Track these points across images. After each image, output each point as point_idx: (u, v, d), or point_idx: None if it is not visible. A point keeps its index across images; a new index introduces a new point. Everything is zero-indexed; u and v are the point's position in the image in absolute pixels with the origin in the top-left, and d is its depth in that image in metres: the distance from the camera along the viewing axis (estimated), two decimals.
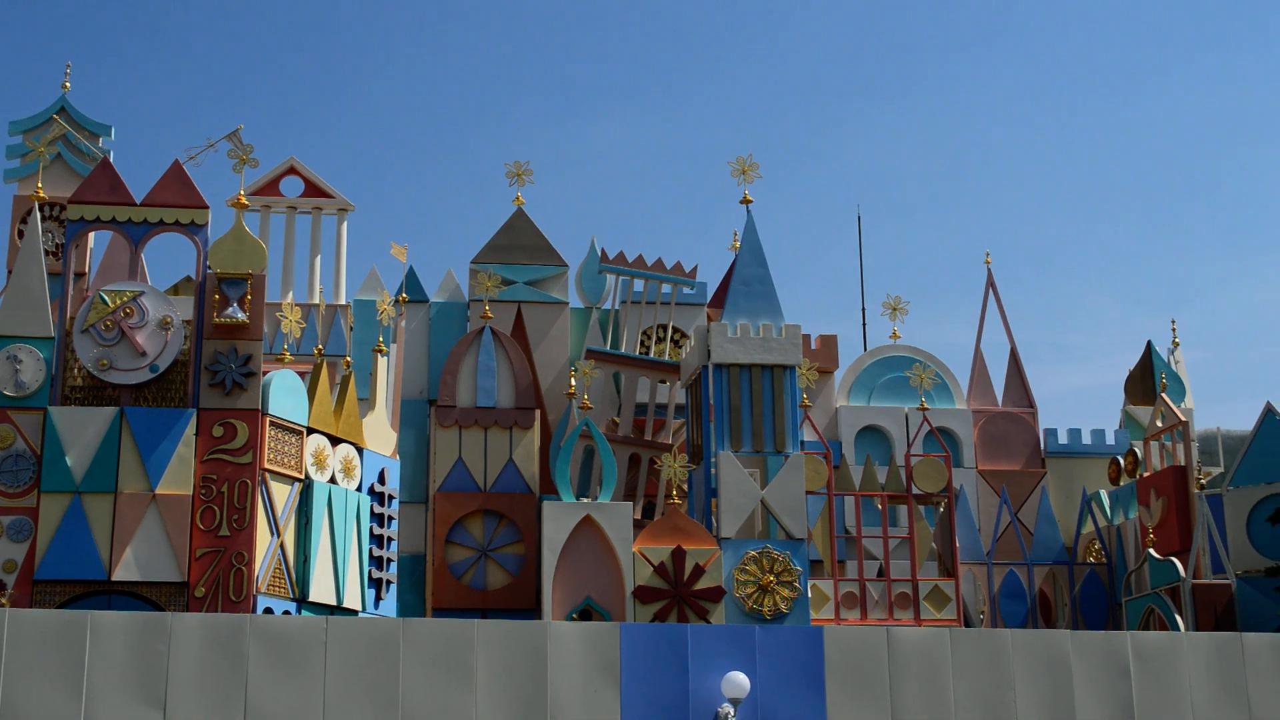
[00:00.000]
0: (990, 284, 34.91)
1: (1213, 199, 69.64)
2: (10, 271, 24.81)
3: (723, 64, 71.22)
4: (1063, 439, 33.34)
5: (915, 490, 28.03)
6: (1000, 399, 33.76)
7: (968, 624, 28.62)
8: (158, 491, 21.38)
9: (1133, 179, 69.60)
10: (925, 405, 29.93)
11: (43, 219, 26.60)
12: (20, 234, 28.13)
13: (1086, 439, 33.43)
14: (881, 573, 27.97)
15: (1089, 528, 31.19)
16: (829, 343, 33.21)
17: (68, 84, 30.26)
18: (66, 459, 21.32)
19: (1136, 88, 70.68)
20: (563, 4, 70.18)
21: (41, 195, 24.39)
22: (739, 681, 19.48)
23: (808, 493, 26.61)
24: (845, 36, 71.49)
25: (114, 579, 20.99)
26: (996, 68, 71.04)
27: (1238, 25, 71.20)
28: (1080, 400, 65.64)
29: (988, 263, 35.19)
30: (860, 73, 71.63)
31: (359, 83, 69.60)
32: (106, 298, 22.18)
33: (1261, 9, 70.09)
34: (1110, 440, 33.40)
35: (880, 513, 28.57)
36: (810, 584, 26.13)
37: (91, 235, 26.00)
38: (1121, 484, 31.27)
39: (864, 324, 37.51)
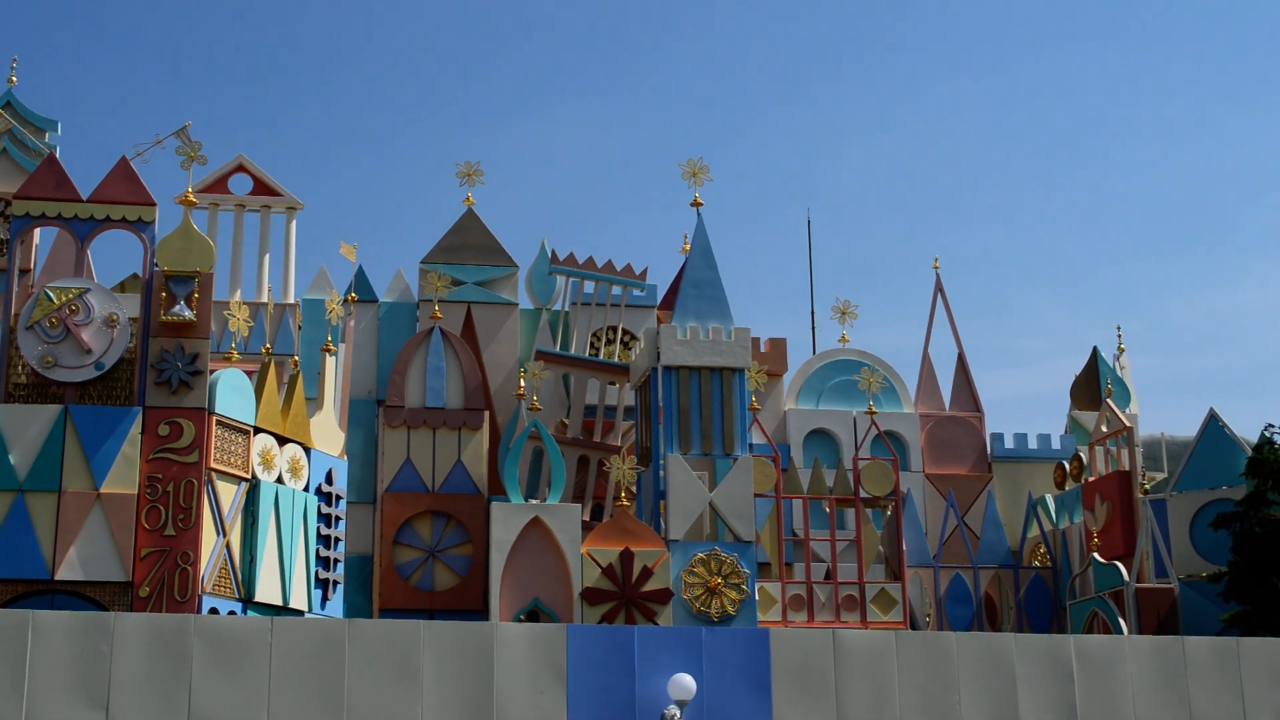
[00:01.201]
0: (939, 289, 35.11)
1: (1157, 204, 70.35)
2: None
3: (674, 64, 71.35)
4: (1009, 443, 33.55)
5: (863, 493, 28.16)
6: (948, 403, 33.95)
7: (914, 627, 28.77)
8: (102, 490, 21.21)
9: (1078, 184, 70.20)
10: (873, 409, 30.07)
11: None
12: None
13: (1033, 444, 33.65)
14: (829, 575, 28.08)
15: (1034, 532, 31.41)
16: (778, 346, 33.29)
17: (14, 78, 29.96)
18: (10, 457, 21.12)
19: (1082, 92, 71.34)
20: (518, 3, 70.14)
21: None
22: (685, 683, 19.49)
23: (756, 495, 26.69)
24: (796, 38, 71.74)
25: (57, 578, 20.82)
26: (945, 70, 71.51)
27: (1163, 29, 71.98)
28: (1027, 405, 66.12)
29: (936, 267, 35.40)
30: (810, 75, 71.92)
31: (308, 80, 69.33)
32: (52, 294, 22.00)
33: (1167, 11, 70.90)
34: (1056, 445, 33.65)
35: (828, 516, 28.69)
36: (758, 586, 26.21)
37: (37, 231, 25.75)
38: (1067, 488, 31.50)
39: (813, 328, 37.65)
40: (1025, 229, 70.13)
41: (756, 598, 25.86)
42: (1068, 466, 31.76)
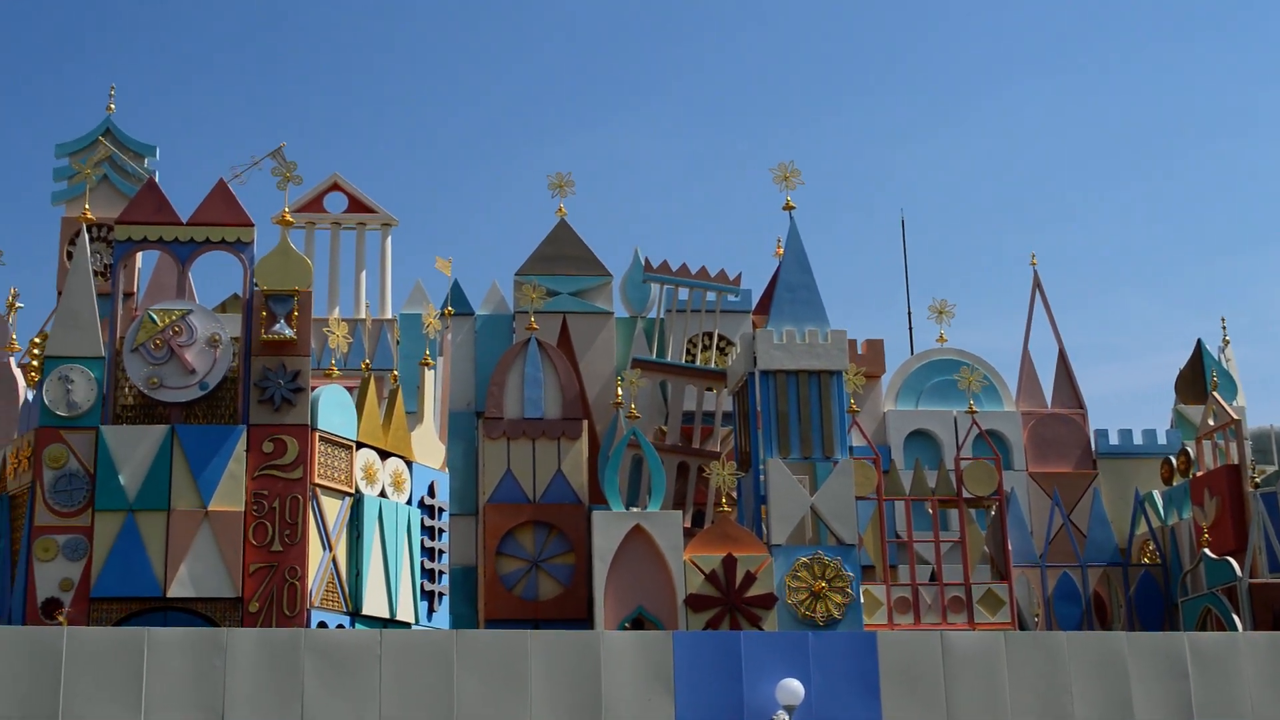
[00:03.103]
0: (1036, 285, 34.71)
1: (1254, 196, 69.09)
2: (60, 293, 25.01)
3: (764, 68, 71.17)
4: (1114, 440, 33.06)
5: (966, 494, 27.88)
6: (1049, 400, 33.55)
7: (1022, 627, 28.42)
8: (210, 508, 21.47)
9: (1175, 177, 69.14)
10: (974, 408, 29.76)
11: (91, 240, 26.78)
12: (69, 255, 28.38)
13: (1138, 439, 33.14)
14: (934, 577, 27.81)
15: (1143, 528, 30.92)
16: (875, 347, 33.08)
17: (112, 106, 30.52)
18: (119, 477, 21.44)
19: (1179, 84, 70.27)
20: (601, 11, 70.35)
21: (89, 217, 24.59)
22: (793, 688, 19.43)
23: (857, 498, 26.52)
24: (887, 38, 71.36)
25: (169, 595, 21.08)
26: (1041, 69, 70.75)
27: (1253, 18, 70.67)
28: (1130, 401, 65.10)
29: (1033, 264, 35.01)
30: (903, 75, 71.48)
31: (400, 98, 69.91)
32: (155, 317, 22.32)
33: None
34: (1162, 440, 33.11)
35: (931, 517, 28.43)
36: (862, 589, 26.03)
37: (139, 255, 26.19)
38: (1175, 484, 30.99)
39: (910, 328, 37.31)
40: (1122, 223, 69.20)
41: (861, 601, 25.69)
42: (1174, 462, 31.25)
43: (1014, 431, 32.61)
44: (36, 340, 25.48)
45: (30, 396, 23.48)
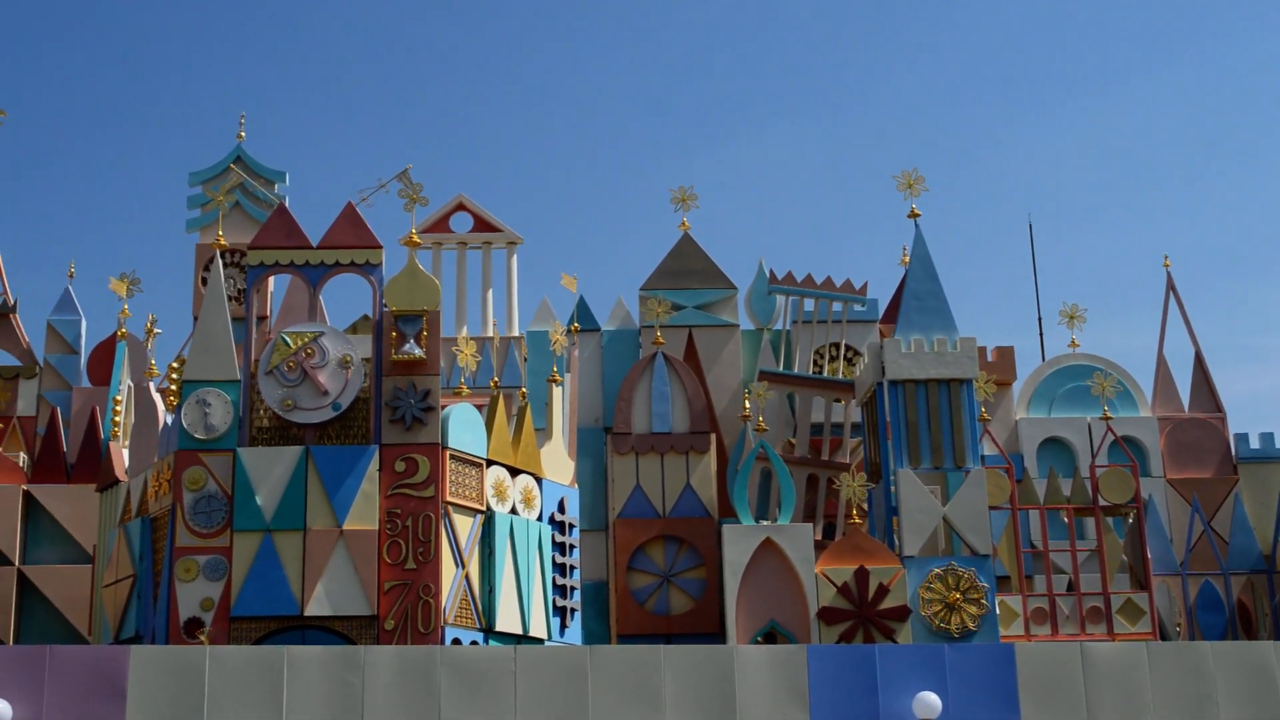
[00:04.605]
0: (1170, 287, 34.06)
1: None
2: (196, 319, 25.53)
3: (884, 75, 70.72)
4: (1255, 444, 32.27)
5: (1102, 501, 27.37)
6: (1187, 405, 32.86)
7: (1163, 638, 27.84)
8: (345, 527, 21.73)
9: None
10: (1108, 414, 29.23)
11: (224, 266, 27.34)
12: (204, 281, 28.97)
13: None
14: (1071, 587, 27.34)
15: None
16: (1005, 354, 32.68)
17: (243, 133, 31.14)
18: (256, 498, 21.78)
19: None
20: (719, 22, 70.35)
21: (222, 243, 25.08)
22: (930, 702, 19.19)
23: (991, 508, 26.15)
24: (1008, 41, 70.52)
25: (306, 614, 21.36)
26: (1166, 66, 69.47)
27: None
28: (1271, 403, 63.58)
29: (1166, 265, 34.35)
30: (1026, 77, 70.58)
31: (522, 117, 70.52)
32: (288, 339, 22.66)
33: None
34: None
35: (1066, 526, 27.95)
36: (998, 600, 25.66)
37: (271, 279, 26.63)
38: None
39: (1041, 334, 36.81)
40: (1255, 222, 67.65)
41: (997, 612, 25.32)
42: None
43: (1151, 437, 31.99)
44: (174, 365, 26.04)
45: (169, 420, 23.95)
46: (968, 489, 25.88)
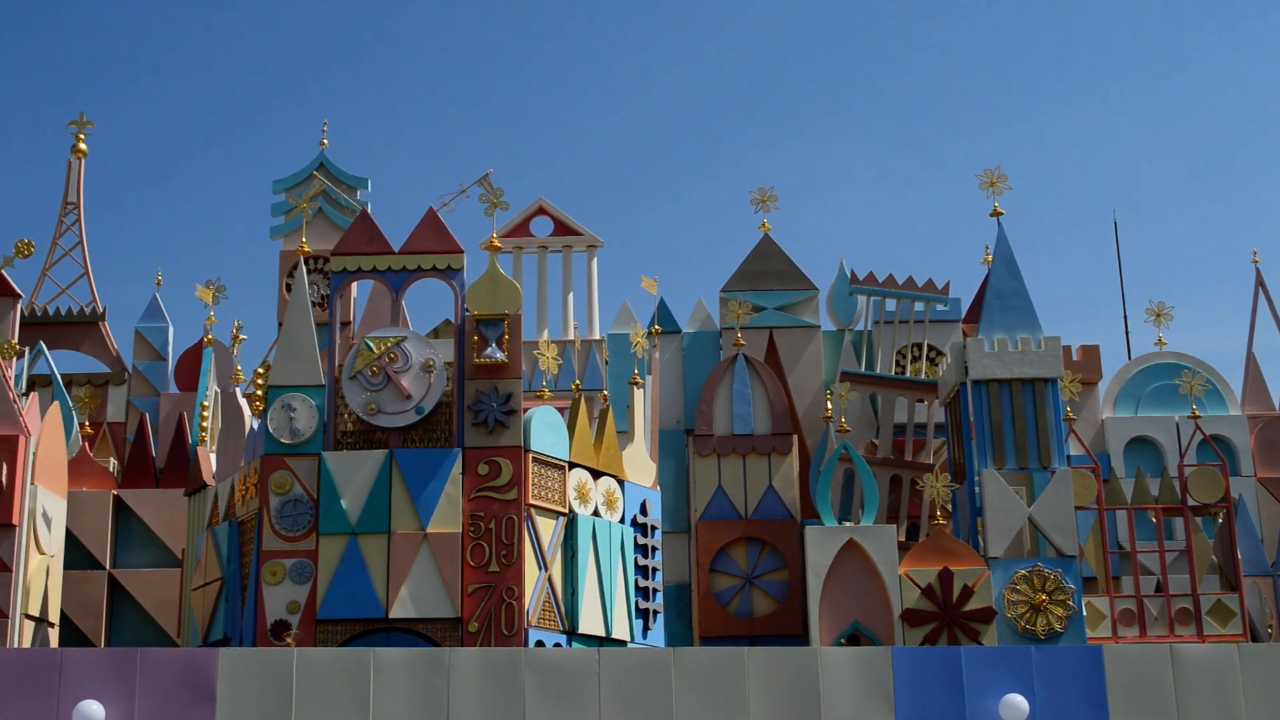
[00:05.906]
0: (1259, 283, 33.55)
1: None
2: (280, 325, 25.80)
3: (964, 74, 70.20)
4: None
5: (1191, 501, 27.00)
6: (1277, 403, 32.35)
7: (1254, 639, 27.41)
8: (429, 530, 21.86)
9: None
10: (1197, 413, 28.83)
11: (308, 272, 27.63)
12: (288, 288, 29.31)
13: None
14: (1159, 588, 26.99)
15: None
16: (1091, 353, 32.33)
17: (325, 141, 31.45)
18: (341, 502, 21.97)
19: None
20: (797, 24, 70.14)
21: (306, 250, 25.30)
22: (1017, 704, 18.99)
23: (1077, 508, 25.87)
24: (1091, 36, 69.77)
25: (391, 616, 21.52)
26: (1251, 57, 68.43)
27: None
28: None
29: (1255, 261, 33.89)
30: (1110, 72, 69.79)
31: (602, 119, 70.68)
32: (371, 344, 22.83)
33: None
34: None
35: (1155, 526, 27.61)
36: (1085, 601, 25.38)
37: (354, 285, 26.86)
38: None
39: (1126, 332, 36.41)
40: None
41: (1084, 613, 25.04)
42: None
43: (1240, 436, 31.51)
44: (260, 371, 26.35)
45: (255, 425, 24.22)
46: (1053, 489, 25.62)
